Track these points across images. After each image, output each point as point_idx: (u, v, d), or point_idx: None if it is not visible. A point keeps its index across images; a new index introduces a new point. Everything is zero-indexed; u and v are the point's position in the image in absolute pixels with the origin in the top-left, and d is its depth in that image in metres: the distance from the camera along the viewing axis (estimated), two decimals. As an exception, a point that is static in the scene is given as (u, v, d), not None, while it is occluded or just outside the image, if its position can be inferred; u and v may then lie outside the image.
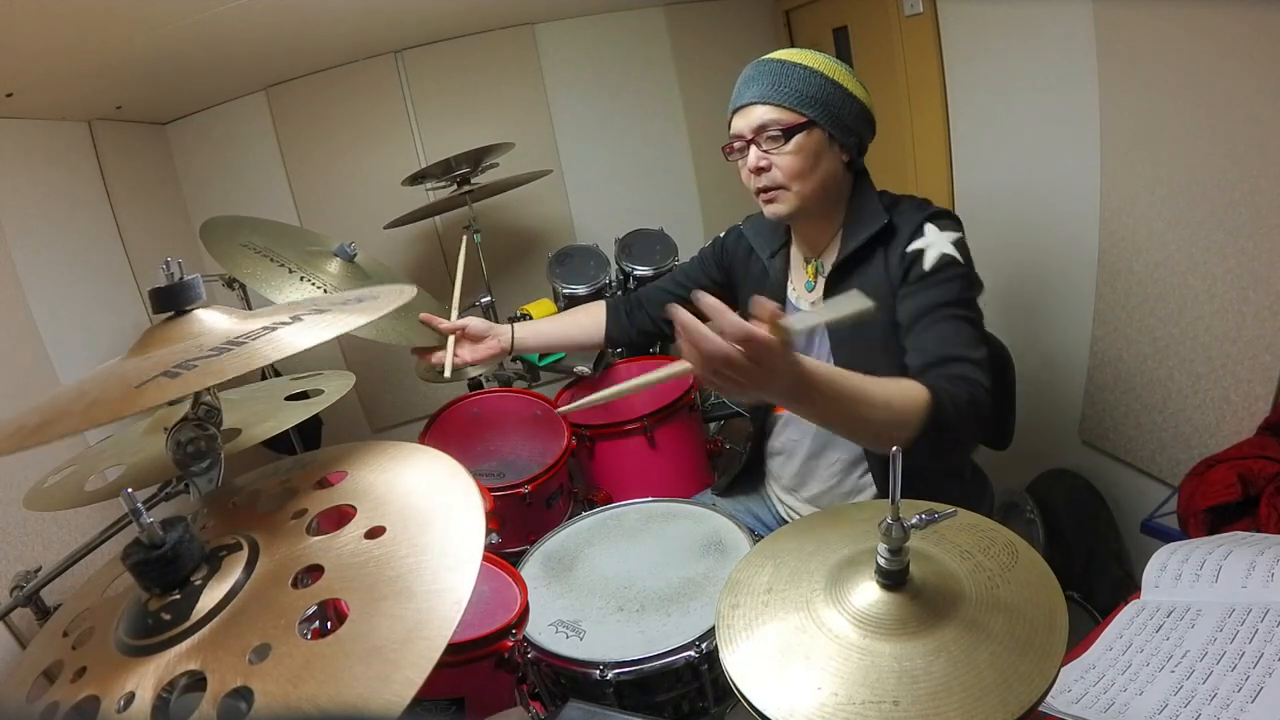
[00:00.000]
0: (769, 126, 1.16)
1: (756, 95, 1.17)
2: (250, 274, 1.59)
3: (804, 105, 1.15)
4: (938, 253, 1.13)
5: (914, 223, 1.17)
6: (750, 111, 1.18)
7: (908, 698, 0.58)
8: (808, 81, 1.16)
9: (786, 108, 1.15)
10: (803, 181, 1.18)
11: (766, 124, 1.16)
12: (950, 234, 1.15)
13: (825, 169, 1.19)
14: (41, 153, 1.77)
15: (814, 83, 1.16)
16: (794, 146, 1.16)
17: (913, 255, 1.14)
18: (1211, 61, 1.26)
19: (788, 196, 1.20)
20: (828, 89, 1.16)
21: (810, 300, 1.31)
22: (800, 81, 1.16)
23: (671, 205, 2.57)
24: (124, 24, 1.51)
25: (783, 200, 1.20)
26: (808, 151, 1.17)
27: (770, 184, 1.20)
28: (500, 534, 1.55)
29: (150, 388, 0.61)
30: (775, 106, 1.16)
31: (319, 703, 0.48)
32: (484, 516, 0.61)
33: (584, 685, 1.09)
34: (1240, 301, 1.32)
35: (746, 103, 1.19)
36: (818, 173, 1.19)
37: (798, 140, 1.16)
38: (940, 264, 1.12)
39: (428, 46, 2.39)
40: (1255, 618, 0.85)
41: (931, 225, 1.16)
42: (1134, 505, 1.65)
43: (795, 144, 1.16)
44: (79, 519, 1.44)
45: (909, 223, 1.18)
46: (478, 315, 2.12)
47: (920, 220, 1.17)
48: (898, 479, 0.64)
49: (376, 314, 0.75)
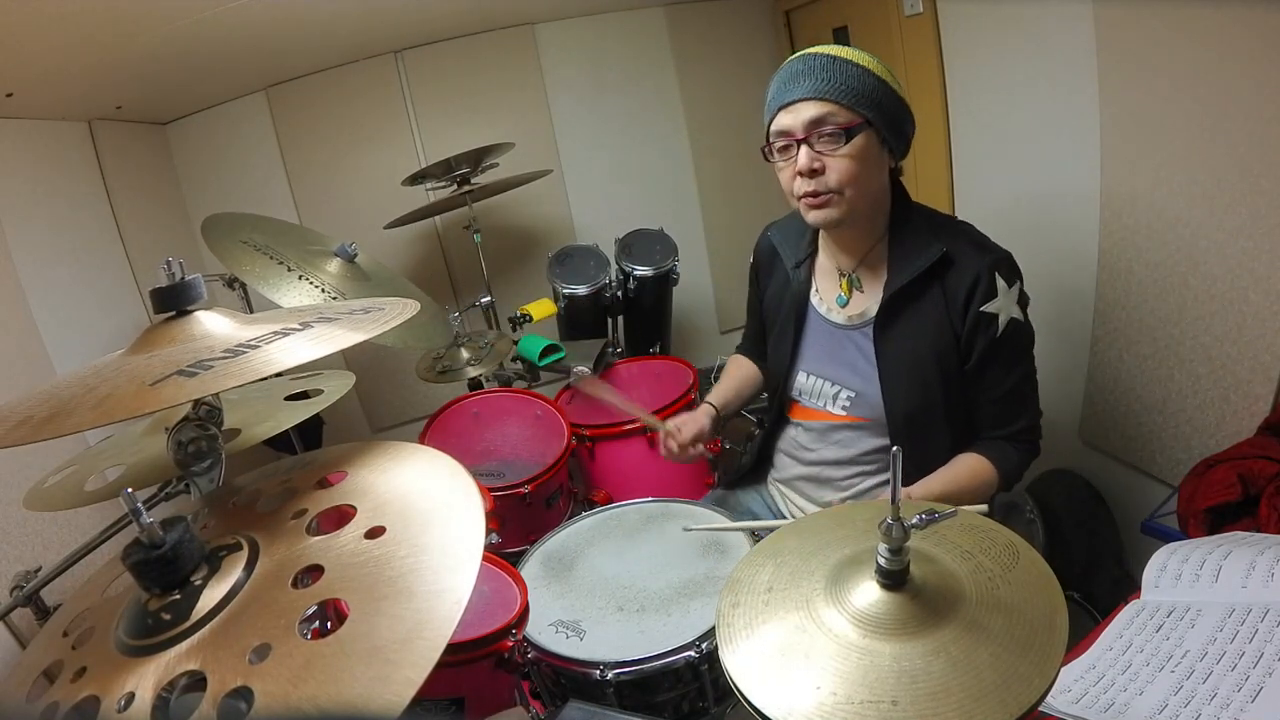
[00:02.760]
0: (825, 123, 1.09)
1: (810, 90, 1.09)
2: (250, 271, 1.59)
3: (861, 104, 1.09)
4: (1008, 317, 1.16)
5: (976, 265, 1.15)
6: (801, 108, 1.10)
7: (907, 698, 0.58)
8: (863, 80, 1.09)
9: (844, 105, 1.08)
10: (856, 187, 1.12)
11: (822, 119, 1.09)
12: (1015, 289, 1.17)
13: (876, 175, 1.15)
14: (41, 153, 1.77)
15: (869, 81, 1.10)
16: (852, 148, 1.10)
17: (985, 318, 1.15)
18: (1211, 61, 1.26)
19: (839, 203, 1.13)
20: (881, 90, 1.10)
21: (846, 315, 1.28)
22: (856, 79, 1.09)
23: (671, 205, 2.57)
24: (124, 24, 1.51)
25: (834, 206, 1.13)
26: (864, 154, 1.11)
27: (822, 188, 1.12)
28: (500, 534, 1.55)
29: (166, 386, 0.61)
30: (832, 103, 1.08)
31: (319, 703, 0.48)
32: (484, 516, 0.61)
33: (584, 685, 1.09)
34: (1240, 301, 1.32)
35: (797, 98, 1.10)
36: (870, 178, 1.14)
37: (857, 141, 1.09)
38: (1011, 330, 1.16)
39: (428, 46, 2.39)
40: (1255, 618, 0.85)
41: (1000, 280, 1.15)
42: (1134, 505, 1.65)
43: (854, 145, 1.09)
44: (79, 519, 1.44)
45: (969, 260, 1.16)
46: (478, 315, 2.13)
47: (985, 267, 1.15)
48: (898, 479, 0.64)
49: (385, 326, 0.75)
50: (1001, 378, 1.20)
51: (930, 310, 1.18)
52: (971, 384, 1.21)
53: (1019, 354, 1.20)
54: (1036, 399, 1.26)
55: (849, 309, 1.28)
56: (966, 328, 1.16)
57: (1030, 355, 1.22)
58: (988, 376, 1.20)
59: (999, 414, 1.22)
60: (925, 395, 1.21)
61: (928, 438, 1.22)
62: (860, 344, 1.26)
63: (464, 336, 1.88)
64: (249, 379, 0.63)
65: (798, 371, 1.35)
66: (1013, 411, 1.22)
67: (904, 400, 1.21)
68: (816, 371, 1.32)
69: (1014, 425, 1.22)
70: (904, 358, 1.20)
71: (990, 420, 1.23)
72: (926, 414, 1.22)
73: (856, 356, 1.26)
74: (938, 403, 1.21)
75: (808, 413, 1.36)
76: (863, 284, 1.26)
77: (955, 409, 1.23)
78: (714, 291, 2.77)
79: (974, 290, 1.14)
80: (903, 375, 1.21)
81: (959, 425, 1.24)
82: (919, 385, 1.21)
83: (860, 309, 1.26)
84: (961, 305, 1.16)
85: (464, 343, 1.88)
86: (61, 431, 0.59)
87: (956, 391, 1.21)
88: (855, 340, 1.26)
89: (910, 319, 1.19)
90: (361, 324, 0.76)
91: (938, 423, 1.23)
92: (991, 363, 1.18)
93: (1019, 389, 1.21)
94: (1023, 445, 1.24)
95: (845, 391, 1.29)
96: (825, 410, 1.32)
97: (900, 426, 1.23)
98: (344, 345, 0.72)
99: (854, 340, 1.27)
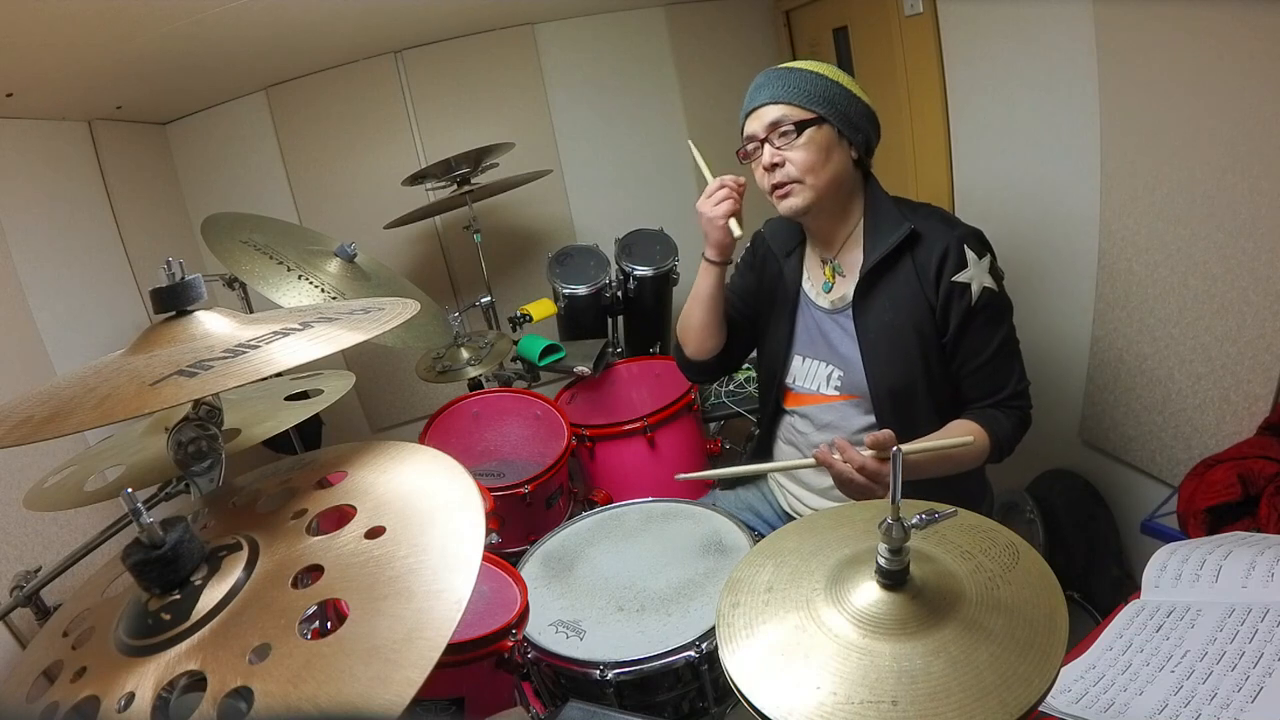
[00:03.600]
0: (781, 122, 1.22)
1: (768, 96, 1.24)
2: (250, 271, 1.59)
3: (813, 102, 1.22)
4: (980, 286, 1.21)
5: (944, 238, 1.22)
6: (763, 112, 1.24)
7: (907, 698, 0.58)
8: (815, 83, 1.23)
9: (797, 105, 1.22)
10: (815, 174, 1.22)
11: (779, 120, 1.22)
12: (986, 260, 1.23)
13: (836, 163, 1.24)
14: (41, 153, 1.77)
15: (821, 84, 1.23)
16: (806, 139, 1.21)
17: (958, 288, 1.21)
18: (1211, 62, 1.26)
19: (801, 190, 1.24)
20: (834, 90, 1.23)
21: (830, 300, 1.34)
22: (808, 83, 1.23)
23: (671, 205, 2.56)
24: (124, 24, 1.51)
25: (797, 194, 1.24)
26: (819, 145, 1.22)
27: (784, 179, 1.24)
28: (500, 534, 1.56)
29: (167, 386, 0.61)
30: (786, 104, 1.22)
31: (319, 703, 0.48)
32: (484, 516, 0.61)
33: (584, 685, 1.09)
34: (1240, 301, 1.32)
35: (758, 105, 1.25)
36: (829, 166, 1.23)
37: (809, 134, 1.21)
38: (985, 299, 1.21)
39: (428, 46, 2.39)
40: (1255, 618, 0.85)
41: (970, 252, 1.21)
42: (1134, 505, 1.65)
43: (807, 137, 1.21)
44: (79, 519, 1.44)
45: (937, 235, 1.23)
46: (478, 315, 2.13)
47: (954, 240, 1.22)
48: (898, 480, 0.64)
49: (384, 327, 0.75)
50: (981, 345, 1.24)
51: (904, 286, 1.24)
52: (953, 355, 1.25)
53: (996, 321, 1.24)
54: (1021, 366, 1.28)
55: (833, 294, 1.34)
56: (940, 299, 1.22)
57: (1009, 323, 1.27)
58: (966, 345, 1.24)
59: (983, 382, 1.26)
60: (906, 369, 1.26)
61: (912, 413, 1.26)
62: (845, 325, 1.31)
63: (464, 336, 1.89)
64: (249, 379, 0.63)
65: (793, 356, 1.40)
66: (997, 378, 1.26)
67: (886, 375, 1.26)
68: (810, 354, 1.38)
69: (1000, 393, 1.25)
70: (883, 334, 1.26)
71: (976, 390, 1.27)
72: (909, 389, 1.26)
73: (843, 337, 1.32)
74: (919, 377, 1.26)
75: (802, 398, 1.40)
76: (843, 269, 1.33)
77: (937, 383, 1.27)
78: (714, 291, 2.76)
79: (944, 262, 1.21)
80: (882, 351, 1.26)
81: (943, 400, 1.28)
82: (900, 360, 1.26)
83: (841, 293, 1.32)
84: (934, 277, 1.22)
85: (464, 343, 1.88)
86: (61, 431, 0.59)
87: (937, 365, 1.26)
88: (840, 323, 1.33)
89: (886, 296, 1.26)
90: (361, 324, 0.76)
91: (921, 398, 1.27)
92: (969, 331, 1.23)
93: (1000, 355, 1.25)
94: (1012, 412, 1.26)
95: (836, 371, 1.34)
96: (819, 392, 1.36)
97: (884, 402, 1.27)
98: (344, 345, 0.72)
99: (839, 323, 1.33)
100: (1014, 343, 1.28)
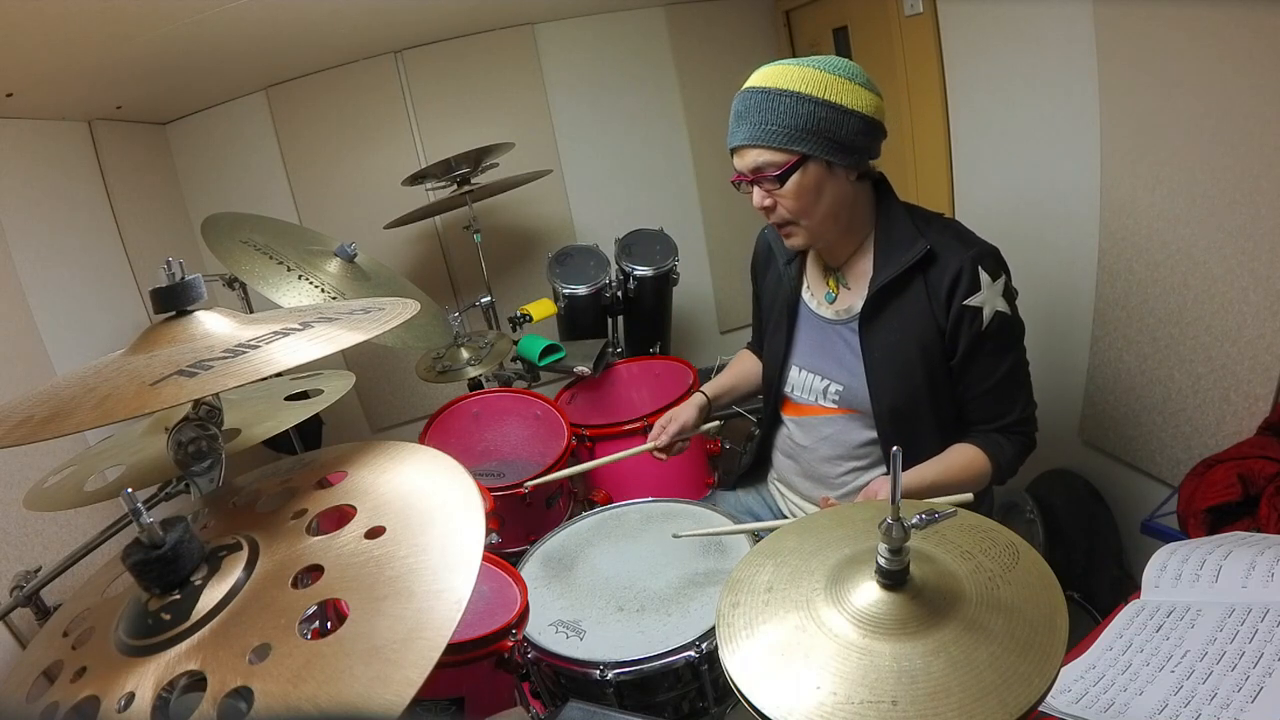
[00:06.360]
0: (764, 169, 1.15)
1: (746, 137, 1.15)
2: (250, 271, 1.59)
3: (794, 142, 1.12)
4: (993, 310, 1.16)
5: (959, 258, 1.16)
6: (744, 154, 1.17)
7: (906, 698, 0.58)
8: (795, 112, 1.11)
9: (777, 148, 1.13)
10: (809, 215, 1.18)
11: (761, 167, 1.15)
12: (1000, 283, 1.17)
13: (831, 197, 1.18)
14: (41, 153, 1.77)
15: (802, 111, 1.11)
16: (791, 187, 1.15)
17: (969, 311, 1.16)
18: (1211, 61, 1.26)
19: (799, 231, 1.21)
20: (819, 114, 1.11)
21: (834, 310, 1.31)
22: (788, 114, 1.11)
23: (671, 205, 2.57)
24: (124, 24, 1.51)
25: (796, 235, 1.22)
26: (806, 188, 1.15)
27: (780, 220, 1.21)
28: (500, 534, 1.55)
29: (166, 386, 0.61)
30: (765, 149, 1.14)
31: (319, 703, 0.48)
32: (484, 516, 0.61)
33: (584, 685, 1.09)
34: (1240, 301, 1.32)
35: (739, 144, 1.17)
36: (822, 204, 1.18)
37: (794, 180, 1.14)
38: (997, 324, 1.17)
39: (428, 46, 2.39)
40: (1255, 618, 0.85)
41: (984, 274, 1.16)
42: (1134, 505, 1.65)
43: (792, 184, 1.15)
44: (79, 519, 1.44)
45: (952, 254, 1.17)
46: (478, 315, 2.13)
47: (968, 261, 1.16)
48: (898, 480, 0.64)
49: (384, 327, 0.75)
50: (989, 371, 1.20)
51: (914, 305, 1.20)
52: (959, 378, 1.22)
53: (1006, 347, 1.20)
54: (1029, 391, 1.25)
55: (836, 304, 1.31)
56: (950, 321, 1.18)
57: (1020, 348, 1.23)
58: (974, 370, 1.21)
59: (989, 406, 1.23)
60: (910, 389, 1.22)
61: (914, 431, 1.24)
62: (847, 338, 1.28)
63: (464, 336, 1.88)
64: (249, 379, 0.63)
65: (791, 366, 1.38)
66: (1003, 404, 1.23)
67: (889, 394, 1.23)
68: (808, 366, 1.35)
69: (1006, 418, 1.23)
70: (889, 351, 1.23)
71: (981, 413, 1.24)
72: (912, 407, 1.24)
73: (844, 351, 1.29)
74: (923, 396, 1.23)
75: (800, 409, 1.38)
76: (849, 281, 1.29)
77: (941, 403, 1.24)
78: (714, 291, 2.77)
79: (956, 284, 1.16)
80: (888, 369, 1.23)
81: (946, 420, 1.26)
82: (904, 379, 1.22)
83: (847, 304, 1.29)
84: (944, 299, 1.17)
85: (464, 343, 1.88)
86: (61, 431, 0.59)
87: (942, 385, 1.23)
88: (843, 335, 1.29)
89: (895, 314, 1.22)
90: (361, 324, 0.76)
91: (924, 416, 1.24)
92: (978, 356, 1.19)
93: (1008, 381, 1.22)
94: (1016, 437, 1.24)
95: (834, 385, 1.31)
96: (816, 405, 1.34)
97: (886, 419, 1.25)
98: (344, 345, 0.71)
99: (841, 335, 1.29)
100: (1023, 368, 1.24)
